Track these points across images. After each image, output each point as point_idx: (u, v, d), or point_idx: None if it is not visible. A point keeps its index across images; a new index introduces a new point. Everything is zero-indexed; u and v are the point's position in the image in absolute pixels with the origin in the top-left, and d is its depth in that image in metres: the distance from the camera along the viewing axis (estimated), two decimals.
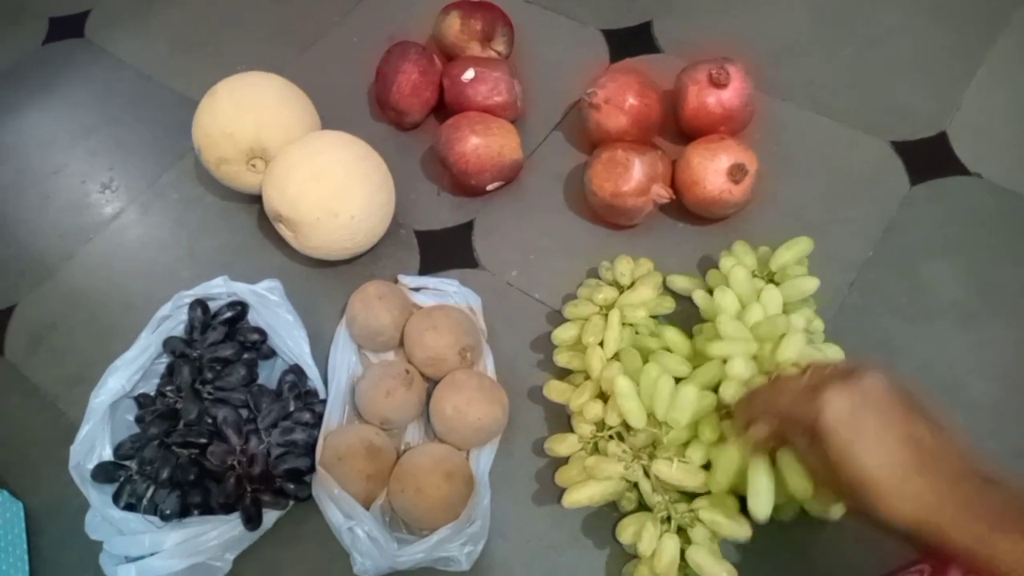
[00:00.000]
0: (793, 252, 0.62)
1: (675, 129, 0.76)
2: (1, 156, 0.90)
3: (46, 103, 0.95)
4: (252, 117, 0.71)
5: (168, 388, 0.65)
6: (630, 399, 0.53)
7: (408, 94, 0.79)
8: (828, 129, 0.76)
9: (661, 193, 0.68)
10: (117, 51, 0.98)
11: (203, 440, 0.61)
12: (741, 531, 0.50)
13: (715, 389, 0.53)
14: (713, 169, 0.67)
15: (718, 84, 0.70)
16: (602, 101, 0.71)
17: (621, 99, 0.71)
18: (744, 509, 0.49)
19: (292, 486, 0.60)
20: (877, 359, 0.43)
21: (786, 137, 0.76)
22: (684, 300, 0.67)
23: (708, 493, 0.53)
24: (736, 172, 0.66)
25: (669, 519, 0.53)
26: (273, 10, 0.98)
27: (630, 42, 0.86)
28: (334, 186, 0.67)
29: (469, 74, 0.76)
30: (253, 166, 0.73)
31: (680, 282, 0.66)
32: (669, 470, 0.52)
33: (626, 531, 0.53)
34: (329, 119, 0.79)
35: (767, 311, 0.56)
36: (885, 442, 0.40)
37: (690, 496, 0.54)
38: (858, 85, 0.79)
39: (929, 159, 0.73)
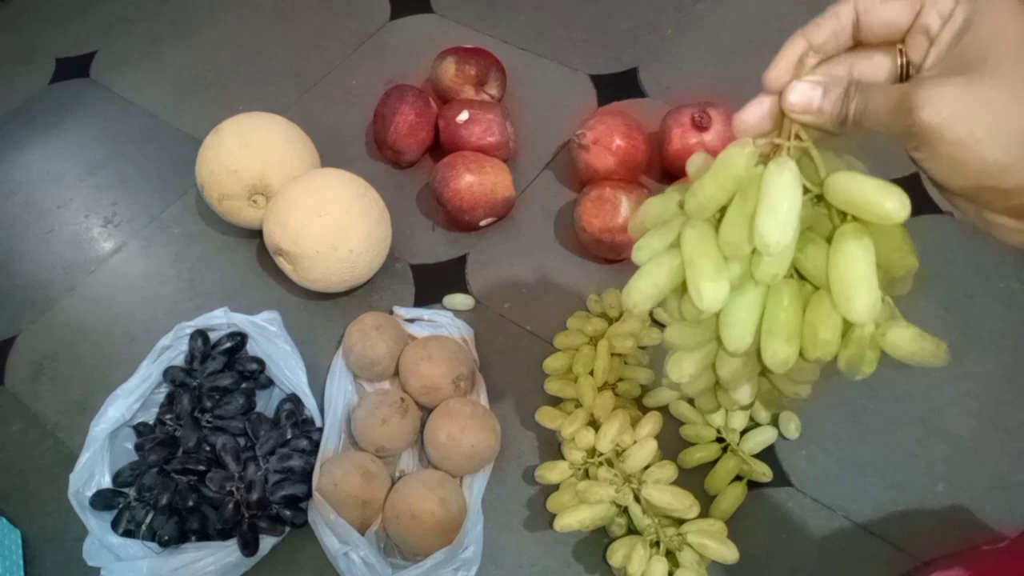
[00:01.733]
0: None
1: (660, 169, 0.80)
2: (9, 190, 0.93)
3: (53, 140, 0.97)
4: (257, 155, 0.74)
5: (168, 416, 0.66)
6: None
7: (405, 134, 0.82)
8: None
9: None
10: (123, 90, 1.01)
11: (202, 467, 0.62)
12: (728, 554, 0.52)
13: None
14: None
15: (700, 127, 0.73)
16: (591, 142, 0.75)
17: (609, 140, 0.75)
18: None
19: (288, 512, 0.61)
20: None
21: None
22: None
23: (697, 518, 0.54)
24: None
25: (658, 543, 0.54)
26: (275, 54, 1.02)
27: (617, 87, 0.90)
28: (335, 221, 0.70)
29: (463, 116, 0.80)
30: (254, 202, 0.76)
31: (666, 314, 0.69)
32: (658, 494, 0.54)
33: (616, 554, 0.54)
34: (328, 157, 0.82)
35: None
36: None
37: (679, 520, 0.56)
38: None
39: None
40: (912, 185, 0.76)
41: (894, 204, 0.31)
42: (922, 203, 0.77)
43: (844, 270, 0.32)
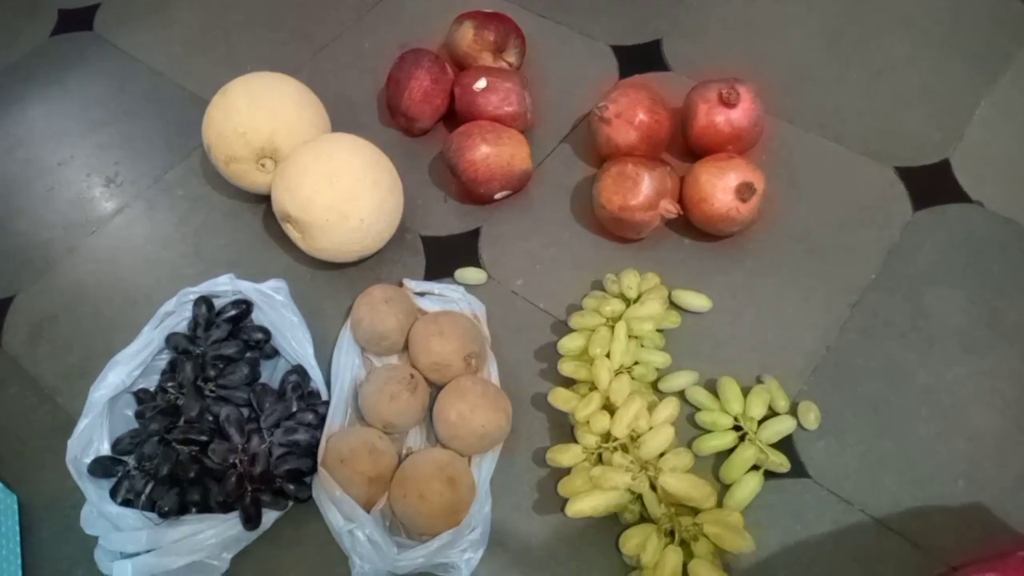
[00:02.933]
0: None
1: (683, 146, 0.77)
2: (9, 146, 0.90)
3: (55, 95, 0.94)
4: (267, 117, 0.71)
5: (170, 384, 0.64)
6: None
7: (419, 100, 0.79)
8: (834, 153, 0.77)
9: (669, 208, 0.68)
10: (127, 47, 0.98)
11: (204, 438, 0.60)
12: (745, 545, 0.51)
13: None
14: (721, 187, 0.67)
15: (728, 103, 0.70)
16: (613, 115, 0.72)
17: (631, 114, 0.72)
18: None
19: (292, 487, 0.59)
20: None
21: (793, 159, 0.77)
22: (689, 315, 0.67)
23: (712, 508, 0.53)
24: (744, 191, 0.67)
25: (673, 532, 0.53)
26: (286, 13, 0.98)
27: (639, 59, 0.87)
28: (346, 189, 0.67)
29: (481, 83, 0.77)
30: (263, 166, 0.74)
31: (686, 297, 0.67)
32: (676, 482, 0.52)
33: (630, 542, 0.53)
34: (339, 122, 0.79)
35: None
36: None
37: (693, 510, 0.54)
38: (865, 112, 0.80)
39: (932, 186, 0.74)
40: (941, 173, 0.73)
41: None
42: (951, 192, 0.75)
43: None
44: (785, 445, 0.60)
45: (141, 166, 0.87)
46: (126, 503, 0.59)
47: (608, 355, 0.60)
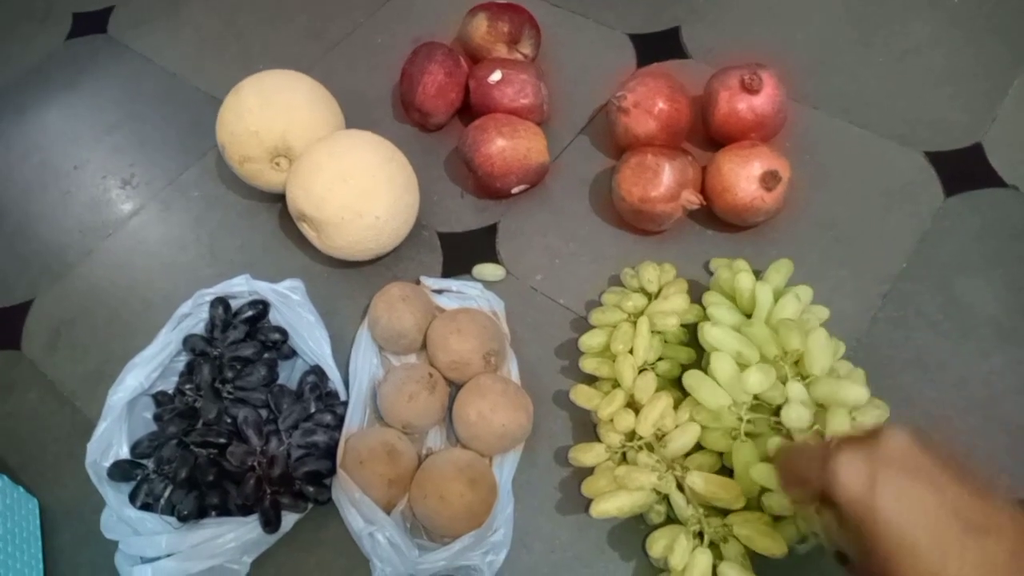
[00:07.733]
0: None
1: (704, 135, 0.75)
2: (25, 151, 0.90)
3: (70, 99, 0.94)
4: (279, 116, 0.70)
5: (187, 386, 0.64)
6: None
7: (433, 95, 0.78)
8: (861, 139, 0.75)
9: (691, 199, 0.66)
10: (141, 48, 0.98)
11: (222, 440, 0.60)
12: (775, 547, 0.49)
13: None
14: (745, 176, 0.65)
15: (751, 90, 0.68)
16: (631, 105, 0.70)
17: (651, 103, 0.70)
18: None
19: (311, 489, 0.59)
20: (906, 426, 0.38)
21: (818, 146, 0.75)
22: None
23: (742, 508, 0.51)
24: (769, 179, 0.65)
25: (701, 534, 0.51)
26: (298, 12, 0.98)
27: (658, 47, 0.85)
28: (360, 187, 0.66)
29: (496, 76, 0.76)
30: (277, 164, 0.73)
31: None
32: (704, 482, 0.51)
33: (657, 544, 0.51)
34: (353, 119, 0.78)
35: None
36: (916, 511, 0.34)
37: (723, 511, 0.53)
38: (892, 95, 0.77)
39: (964, 171, 0.71)
40: (973, 157, 0.71)
41: None
42: (984, 176, 0.73)
43: None
44: None
45: (156, 168, 0.86)
46: (145, 507, 0.59)
47: (631, 351, 0.58)
